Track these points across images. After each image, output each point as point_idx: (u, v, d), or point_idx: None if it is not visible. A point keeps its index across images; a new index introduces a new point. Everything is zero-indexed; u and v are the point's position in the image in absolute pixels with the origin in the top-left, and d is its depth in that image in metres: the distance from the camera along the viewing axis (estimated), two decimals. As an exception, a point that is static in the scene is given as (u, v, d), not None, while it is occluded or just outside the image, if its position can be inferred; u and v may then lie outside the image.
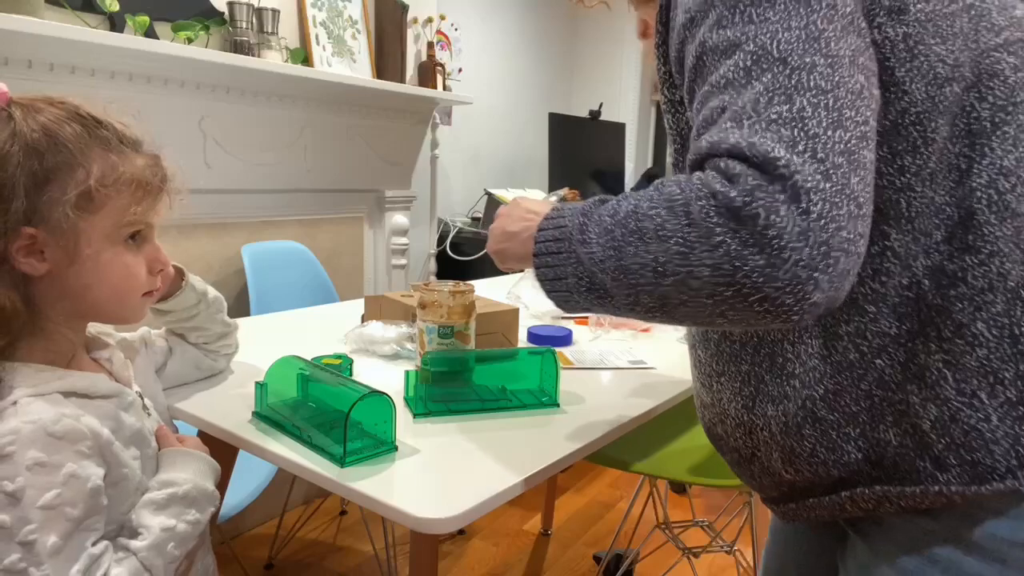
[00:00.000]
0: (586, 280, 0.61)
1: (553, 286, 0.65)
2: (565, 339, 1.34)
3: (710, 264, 0.50)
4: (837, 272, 0.48)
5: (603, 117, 3.47)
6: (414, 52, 2.53)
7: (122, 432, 0.72)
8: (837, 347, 0.61)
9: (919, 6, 0.56)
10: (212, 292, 1.00)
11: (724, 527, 2.03)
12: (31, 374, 0.68)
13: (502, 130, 3.34)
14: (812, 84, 0.50)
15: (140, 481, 0.73)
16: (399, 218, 2.56)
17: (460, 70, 2.93)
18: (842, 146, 0.49)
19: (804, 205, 0.47)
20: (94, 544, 0.65)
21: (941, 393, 0.58)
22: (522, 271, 1.75)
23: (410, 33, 2.46)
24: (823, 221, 0.47)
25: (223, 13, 1.89)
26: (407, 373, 0.99)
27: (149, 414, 0.80)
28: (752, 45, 0.53)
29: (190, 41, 1.75)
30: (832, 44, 0.52)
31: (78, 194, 0.67)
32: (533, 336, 1.34)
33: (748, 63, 0.53)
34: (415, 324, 1.12)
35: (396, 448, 0.83)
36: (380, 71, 2.35)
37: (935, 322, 0.58)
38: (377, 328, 1.22)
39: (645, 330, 1.47)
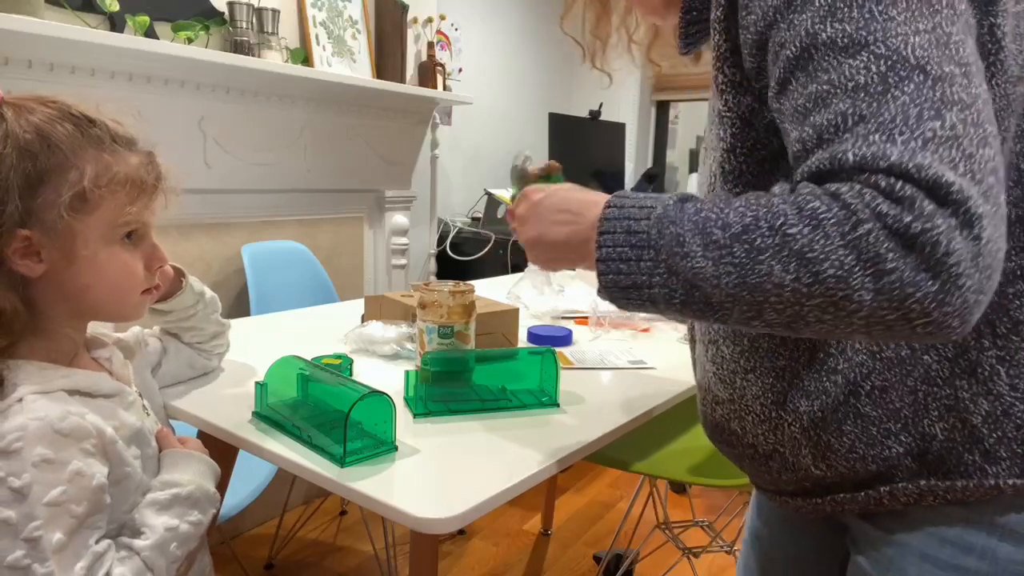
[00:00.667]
0: (681, 292, 0.56)
1: (628, 295, 0.60)
2: (565, 339, 1.34)
3: (874, 289, 0.48)
4: (992, 291, 0.48)
5: (603, 117, 3.47)
6: (414, 52, 2.53)
7: (124, 431, 0.72)
8: (888, 344, 0.61)
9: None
10: (209, 292, 1.00)
11: (724, 527, 2.03)
12: (35, 372, 0.68)
13: (502, 130, 3.34)
14: (956, 97, 0.48)
15: (141, 480, 0.73)
16: (399, 218, 2.56)
17: (460, 70, 2.93)
18: (992, 164, 0.48)
19: (976, 231, 0.46)
20: (97, 542, 0.65)
21: (994, 388, 0.58)
22: (523, 271, 1.75)
23: (410, 33, 2.46)
24: (990, 245, 0.47)
25: (223, 13, 1.89)
26: (407, 373, 0.99)
27: (148, 414, 0.81)
28: (883, 48, 0.49)
29: (190, 41, 1.75)
30: (961, 50, 0.49)
31: (72, 195, 0.67)
32: (533, 336, 1.34)
33: (883, 68, 0.49)
34: (415, 324, 1.12)
35: (396, 448, 0.83)
36: (380, 71, 2.35)
37: (990, 319, 0.58)
38: (377, 328, 1.22)
39: (645, 330, 1.47)
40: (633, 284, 0.59)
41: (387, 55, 2.36)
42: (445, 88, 2.57)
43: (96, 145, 0.69)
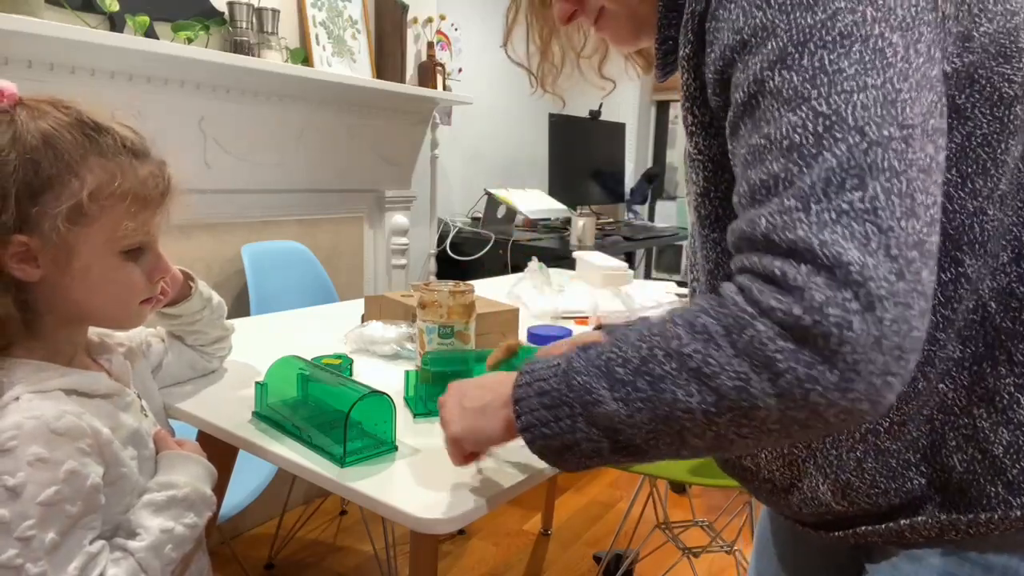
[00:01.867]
0: (606, 441, 0.55)
1: (563, 457, 0.58)
2: (565, 339, 1.33)
3: (775, 393, 0.46)
4: (908, 369, 0.46)
5: (603, 117, 3.47)
6: (414, 52, 2.53)
7: (120, 432, 0.72)
8: (819, 435, 0.59)
9: (983, 28, 0.54)
10: (216, 298, 1.01)
11: (724, 527, 2.03)
12: (31, 372, 0.68)
13: (502, 130, 3.34)
14: (886, 164, 0.46)
15: (137, 482, 0.73)
16: (399, 218, 2.56)
17: (460, 70, 2.93)
18: (915, 238, 0.45)
19: (878, 313, 0.44)
20: (91, 543, 0.65)
21: (1014, 417, 0.56)
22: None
23: (410, 33, 2.46)
24: (897, 325, 0.44)
25: (223, 13, 1.89)
26: (407, 373, 0.99)
27: (146, 415, 0.81)
28: (824, 105, 0.47)
29: (190, 41, 1.75)
30: (907, 110, 0.47)
31: (69, 207, 0.66)
32: (533, 336, 1.34)
33: (819, 128, 0.47)
34: (415, 324, 1.12)
35: (396, 448, 0.83)
36: (380, 71, 2.35)
37: (1005, 345, 0.56)
38: (377, 328, 1.23)
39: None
40: (563, 445, 0.57)
41: (387, 55, 2.36)
42: (445, 88, 2.57)
43: (103, 155, 0.69)
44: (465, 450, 0.70)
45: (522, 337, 1.35)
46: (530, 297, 1.61)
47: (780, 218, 0.47)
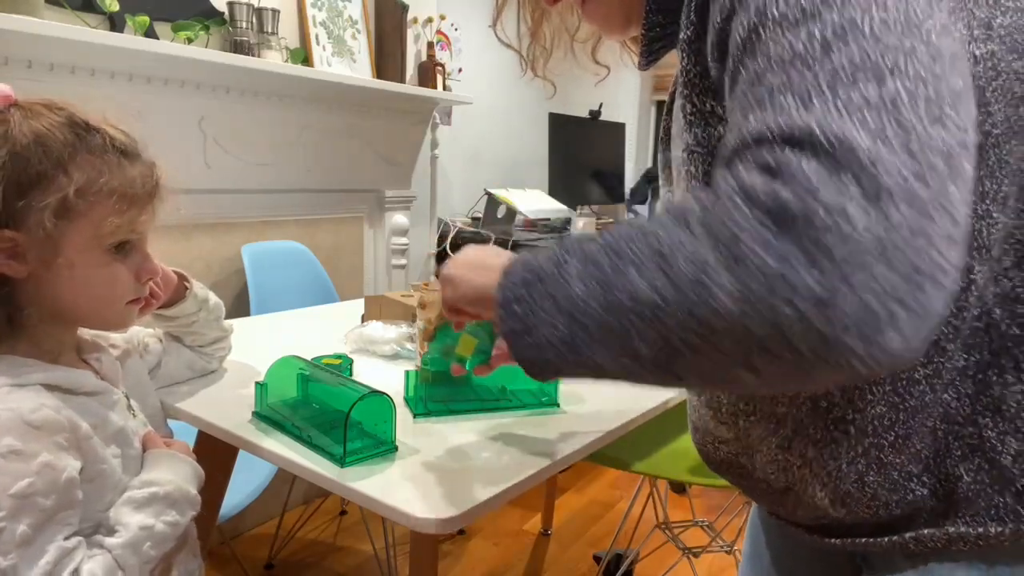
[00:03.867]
0: (562, 330, 0.47)
1: (521, 343, 0.51)
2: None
3: (734, 289, 0.37)
4: (924, 308, 0.36)
5: (603, 117, 3.47)
6: (414, 52, 2.53)
7: (104, 429, 0.71)
8: (913, 392, 0.54)
9: (999, 20, 0.51)
10: (213, 299, 1.01)
11: (724, 527, 2.03)
12: (12, 366, 0.68)
13: (502, 130, 3.34)
14: (910, 70, 0.38)
15: (119, 480, 0.72)
16: (399, 218, 2.56)
17: (460, 70, 2.93)
18: (942, 146, 0.37)
19: (885, 208, 0.35)
20: (67, 539, 0.65)
21: (1023, 426, 0.54)
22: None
23: (410, 33, 2.46)
24: (911, 234, 0.35)
25: (223, 13, 1.89)
26: (407, 373, 0.99)
27: (135, 415, 0.80)
28: (836, 15, 0.40)
29: (190, 41, 1.75)
30: (933, 36, 0.40)
31: (56, 202, 0.67)
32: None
33: (828, 34, 0.39)
34: (415, 324, 1.12)
35: (396, 448, 0.83)
36: (380, 71, 2.35)
37: (1012, 352, 0.53)
38: (377, 328, 1.23)
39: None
40: (523, 327, 0.50)
41: (387, 55, 2.36)
42: (445, 88, 2.57)
43: (92, 153, 0.69)
44: (447, 297, 0.68)
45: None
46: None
47: (773, 118, 0.39)
